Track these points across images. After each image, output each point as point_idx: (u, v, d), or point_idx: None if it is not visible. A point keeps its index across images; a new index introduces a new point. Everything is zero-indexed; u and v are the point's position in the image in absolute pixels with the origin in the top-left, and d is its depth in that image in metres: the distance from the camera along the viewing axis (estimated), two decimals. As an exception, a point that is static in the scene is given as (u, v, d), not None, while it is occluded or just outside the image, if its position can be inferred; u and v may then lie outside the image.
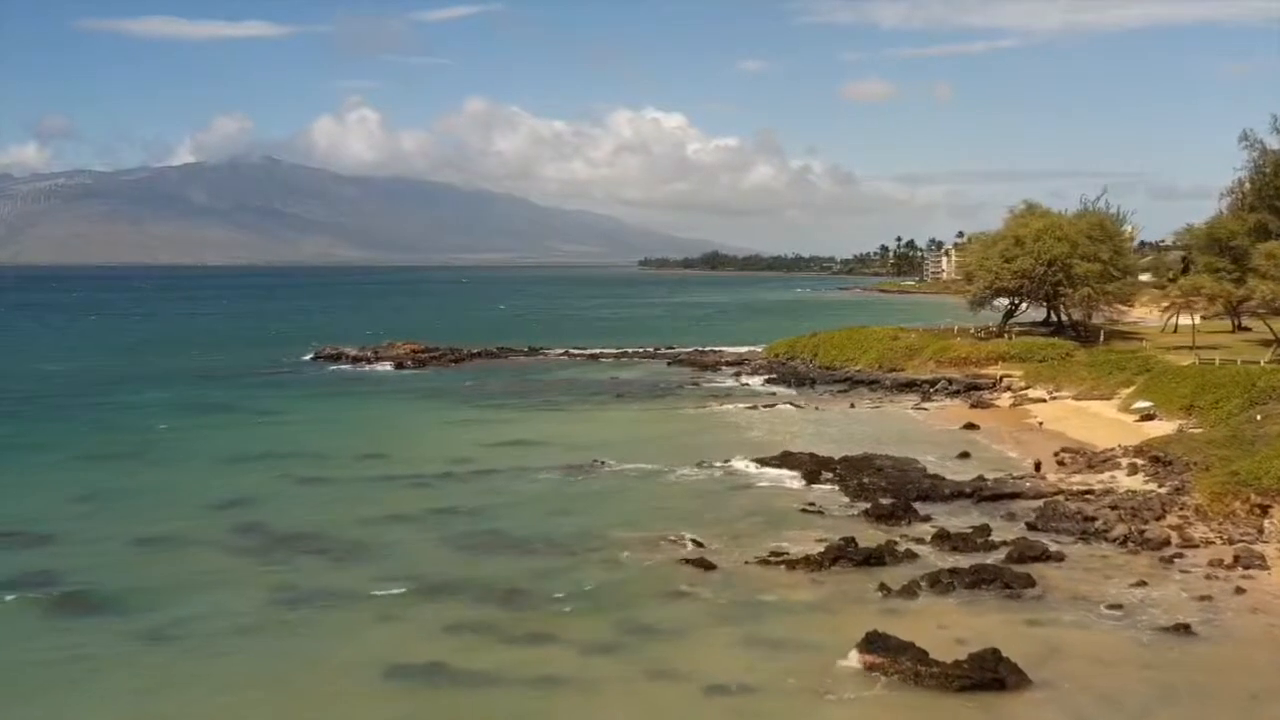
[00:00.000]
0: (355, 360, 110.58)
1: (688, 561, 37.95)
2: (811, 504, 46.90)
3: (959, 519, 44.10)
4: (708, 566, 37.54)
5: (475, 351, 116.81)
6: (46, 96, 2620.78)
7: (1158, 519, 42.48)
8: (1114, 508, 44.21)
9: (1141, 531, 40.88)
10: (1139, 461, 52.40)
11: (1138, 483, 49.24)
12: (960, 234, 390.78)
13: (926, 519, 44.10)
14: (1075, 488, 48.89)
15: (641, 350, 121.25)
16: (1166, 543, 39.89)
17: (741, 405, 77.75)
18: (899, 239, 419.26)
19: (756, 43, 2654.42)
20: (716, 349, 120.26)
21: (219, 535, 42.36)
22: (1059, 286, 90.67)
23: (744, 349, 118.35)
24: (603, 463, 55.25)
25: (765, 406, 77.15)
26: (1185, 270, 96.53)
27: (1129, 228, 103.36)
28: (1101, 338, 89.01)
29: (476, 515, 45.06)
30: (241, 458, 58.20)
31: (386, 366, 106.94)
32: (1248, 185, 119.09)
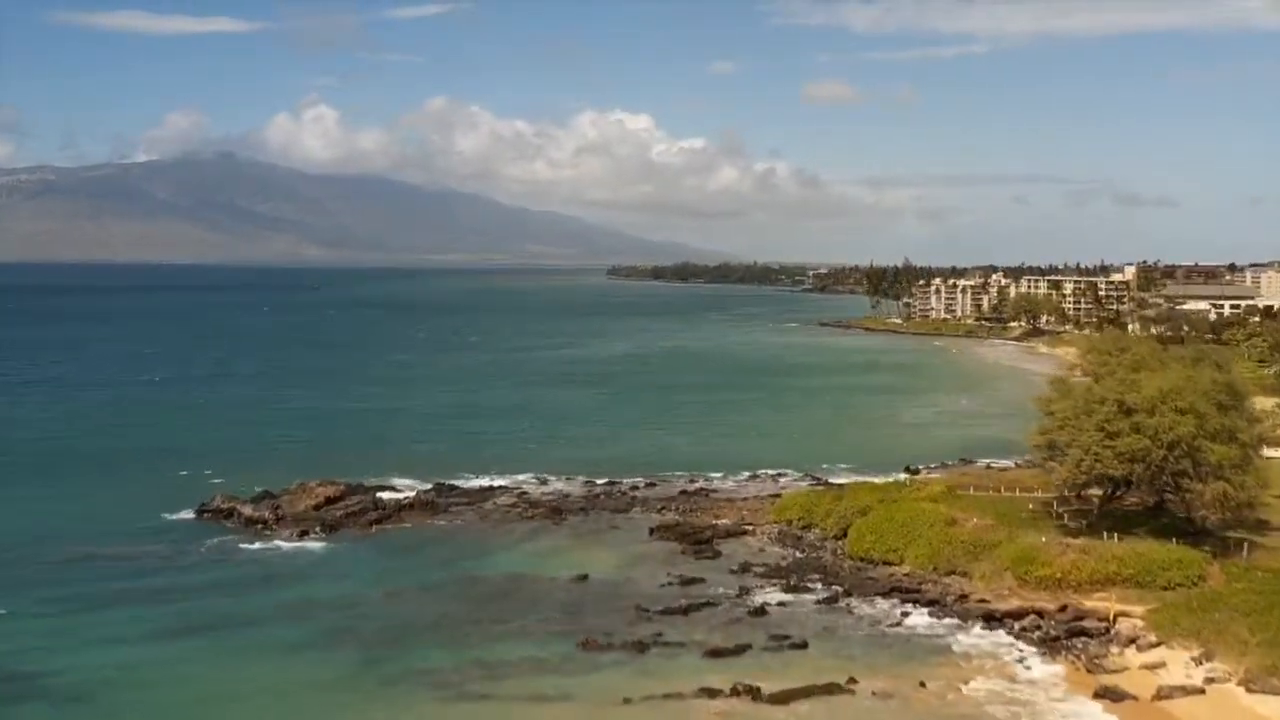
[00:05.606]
0: (249, 523, 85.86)
1: None
2: None
3: None
4: None
5: (406, 502, 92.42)
6: (7, 90, 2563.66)
7: None
8: None
9: None
10: None
11: None
12: (954, 269, 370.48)
13: None
14: None
15: (614, 492, 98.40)
16: None
17: (756, 702, 53.52)
18: (884, 271, 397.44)
19: (729, 44, 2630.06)
20: (708, 485, 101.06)
21: None
22: (1181, 476, 66.78)
23: (739, 484, 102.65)
24: None
25: (795, 700, 52.89)
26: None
27: None
28: (1245, 550, 65.40)
29: None
30: None
31: (286, 540, 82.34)
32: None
